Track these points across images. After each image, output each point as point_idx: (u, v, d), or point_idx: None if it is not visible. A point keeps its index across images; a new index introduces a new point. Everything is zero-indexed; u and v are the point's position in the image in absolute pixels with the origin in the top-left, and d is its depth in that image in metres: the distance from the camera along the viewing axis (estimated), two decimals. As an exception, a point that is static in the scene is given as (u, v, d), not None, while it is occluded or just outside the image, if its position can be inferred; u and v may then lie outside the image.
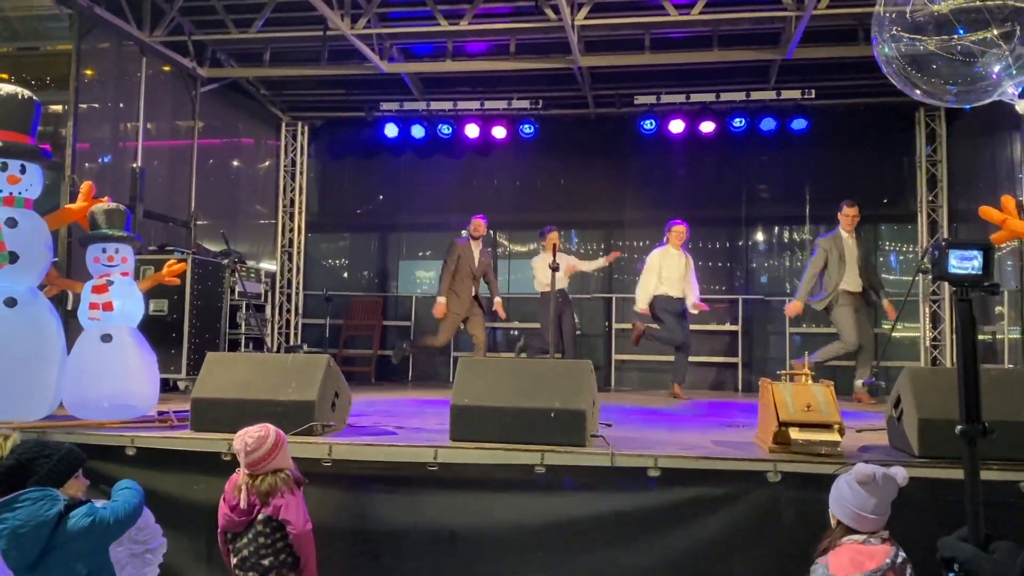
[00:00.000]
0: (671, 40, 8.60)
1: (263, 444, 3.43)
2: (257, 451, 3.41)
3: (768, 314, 10.09)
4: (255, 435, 3.44)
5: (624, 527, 3.80)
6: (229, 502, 3.44)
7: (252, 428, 3.49)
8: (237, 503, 3.40)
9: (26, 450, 2.79)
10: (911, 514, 3.31)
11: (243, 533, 3.40)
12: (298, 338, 11.01)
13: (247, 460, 3.40)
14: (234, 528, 3.43)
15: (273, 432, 3.52)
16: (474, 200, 10.68)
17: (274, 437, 3.50)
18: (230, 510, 3.42)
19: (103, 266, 5.09)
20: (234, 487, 3.46)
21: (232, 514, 3.41)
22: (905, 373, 4.03)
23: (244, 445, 3.40)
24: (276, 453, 3.48)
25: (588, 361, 4.46)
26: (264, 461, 3.43)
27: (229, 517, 3.42)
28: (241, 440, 3.43)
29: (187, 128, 9.34)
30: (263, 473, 3.42)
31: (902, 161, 10.03)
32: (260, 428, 3.49)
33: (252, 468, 3.41)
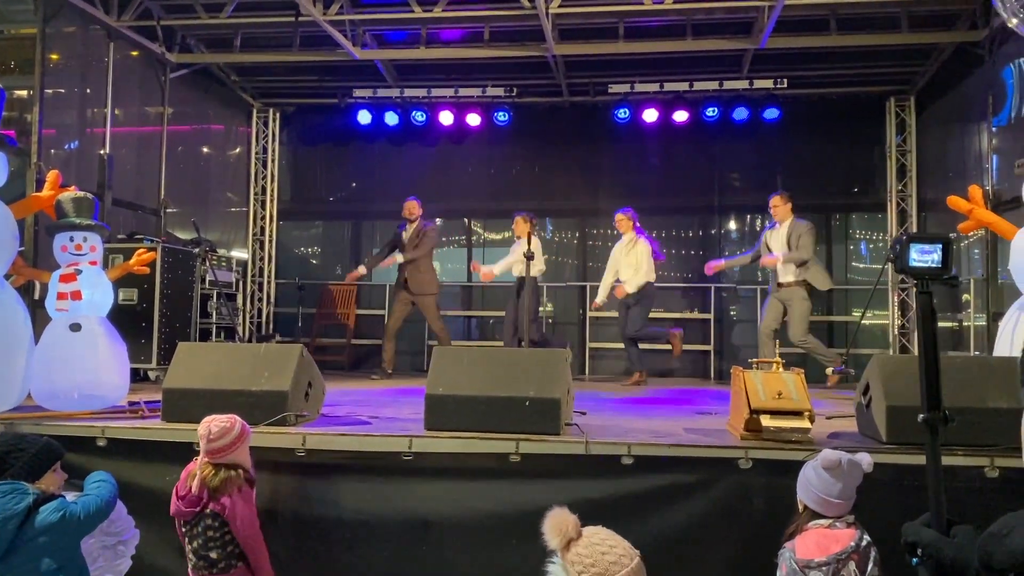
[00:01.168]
0: (645, 29, 8.61)
1: (227, 434, 3.43)
2: (220, 440, 3.41)
3: (740, 302, 10.19)
4: (220, 424, 3.43)
5: (598, 514, 3.80)
6: (180, 491, 3.44)
7: (220, 416, 3.48)
8: (188, 493, 3.39)
9: (1, 444, 2.75)
10: (879, 499, 3.37)
11: (194, 523, 3.40)
12: (270, 327, 10.93)
13: (208, 447, 3.39)
14: (183, 517, 3.43)
15: (239, 424, 3.51)
16: (448, 188, 10.66)
17: (239, 429, 3.49)
18: (179, 499, 3.42)
19: (71, 255, 5.01)
20: (188, 476, 3.46)
21: (180, 503, 3.41)
22: (874, 361, 4.09)
23: (208, 431, 3.40)
24: (237, 446, 3.47)
25: (564, 349, 4.48)
26: (224, 451, 3.42)
27: (178, 506, 3.42)
28: (206, 426, 3.42)
29: (156, 114, 9.21)
30: (220, 464, 3.41)
31: (872, 150, 10.15)
32: (227, 419, 3.48)
33: (211, 456, 3.40)
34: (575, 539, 2.18)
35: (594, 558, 2.13)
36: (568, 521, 2.20)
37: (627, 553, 2.18)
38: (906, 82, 9.74)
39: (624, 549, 2.19)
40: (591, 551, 2.15)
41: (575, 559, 2.15)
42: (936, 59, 8.94)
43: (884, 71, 9.53)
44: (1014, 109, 7.42)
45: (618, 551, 2.17)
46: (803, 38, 8.42)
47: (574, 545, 2.17)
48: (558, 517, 2.22)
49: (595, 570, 2.11)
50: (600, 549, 2.15)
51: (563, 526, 2.19)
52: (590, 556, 2.14)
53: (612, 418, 5.00)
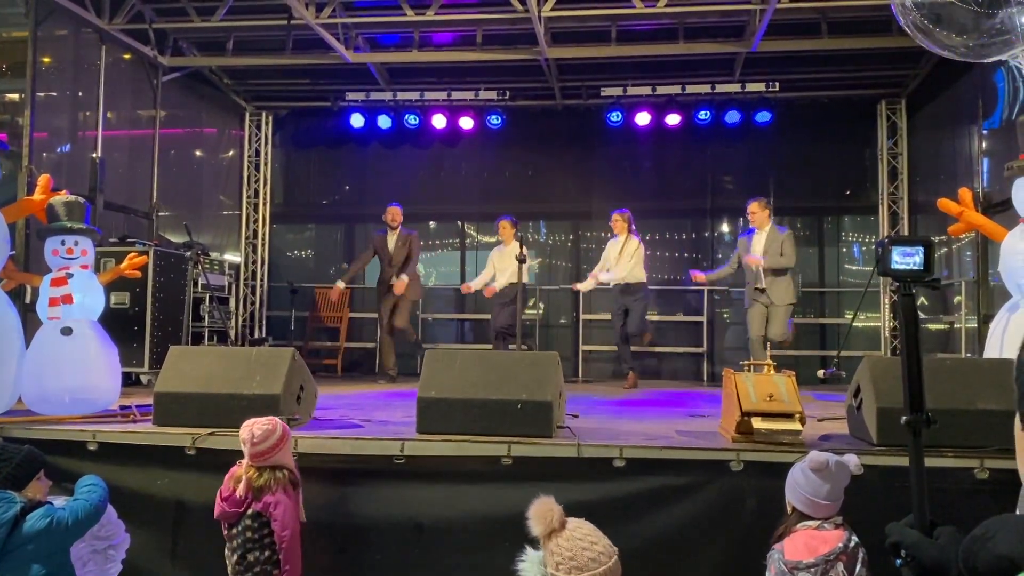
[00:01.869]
0: (637, 32, 8.64)
1: (269, 436, 3.42)
2: (264, 443, 3.39)
3: (733, 305, 10.21)
4: (262, 427, 3.42)
5: (590, 517, 3.81)
6: (223, 492, 3.43)
7: (260, 420, 3.48)
8: (231, 494, 3.39)
9: None
10: (870, 501, 3.38)
11: (235, 524, 3.41)
12: (263, 331, 10.90)
13: (251, 451, 3.37)
14: (226, 518, 3.42)
15: (280, 426, 3.51)
16: (441, 191, 10.67)
17: (280, 431, 3.49)
18: (222, 500, 3.41)
19: (62, 259, 5.00)
20: (230, 478, 3.44)
21: (224, 504, 3.40)
22: (865, 363, 4.10)
23: (251, 436, 3.38)
24: (280, 448, 3.47)
25: (554, 352, 4.49)
26: (268, 454, 3.42)
27: (222, 507, 3.41)
28: (248, 430, 3.40)
29: (148, 118, 9.20)
30: (264, 467, 3.41)
31: (864, 153, 10.19)
32: (268, 421, 3.48)
33: (255, 460, 3.38)
34: (558, 530, 2.19)
35: (573, 552, 2.15)
36: (553, 511, 2.22)
37: (606, 551, 2.20)
38: (897, 85, 9.79)
39: (604, 547, 2.21)
40: (572, 544, 2.16)
41: (555, 549, 2.17)
42: (927, 62, 8.98)
43: (875, 74, 9.57)
44: (1005, 112, 7.46)
45: (598, 548, 2.19)
46: (795, 41, 8.45)
47: (556, 536, 2.18)
48: (544, 506, 2.23)
49: (572, 563, 2.13)
50: (581, 544, 2.17)
51: (548, 515, 2.20)
52: (570, 549, 2.15)
53: (604, 421, 5.01)
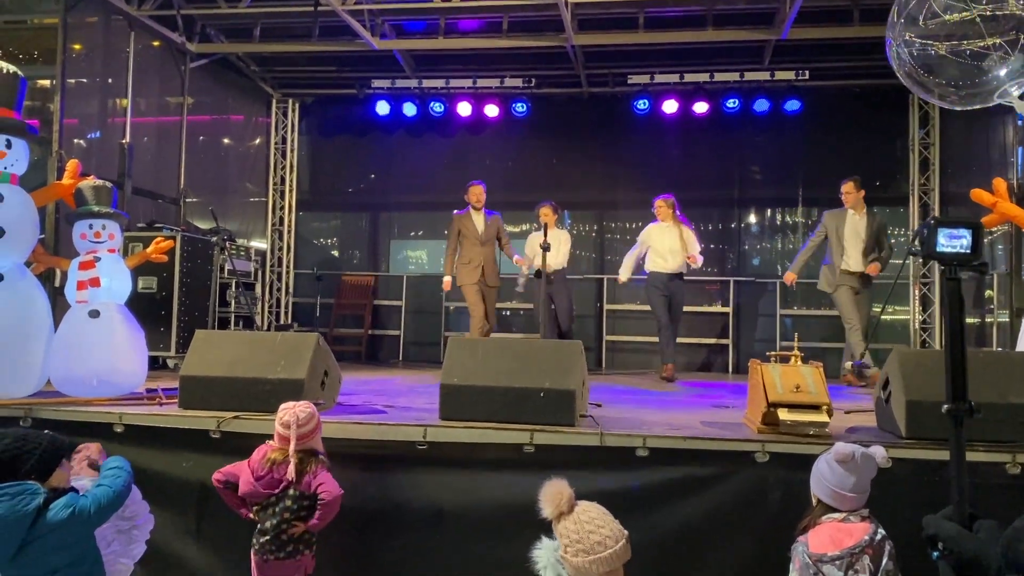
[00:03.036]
0: (665, 19, 8.55)
1: (312, 419, 3.49)
2: (307, 424, 3.46)
3: (759, 296, 10.10)
4: (305, 410, 3.48)
5: (613, 506, 3.79)
6: (256, 472, 3.44)
7: (298, 403, 3.53)
8: (267, 474, 3.40)
9: (5, 448, 2.70)
10: (898, 495, 3.33)
11: (270, 506, 3.42)
12: (288, 317, 10.97)
13: (299, 432, 3.41)
14: (255, 499, 3.44)
15: (316, 409, 3.58)
16: (466, 179, 10.60)
17: (318, 414, 3.57)
18: (256, 480, 3.42)
19: (90, 243, 5.05)
20: (263, 459, 3.46)
21: (257, 484, 3.41)
22: (894, 355, 4.04)
23: (296, 418, 3.42)
24: (319, 431, 3.55)
25: (578, 341, 4.46)
26: (310, 436, 3.48)
27: (254, 487, 3.42)
28: (292, 413, 3.45)
29: (176, 104, 9.25)
30: (306, 451, 3.45)
31: (895, 143, 10.02)
32: (306, 404, 3.55)
33: (300, 443, 3.42)
34: (566, 513, 2.18)
35: (580, 535, 2.15)
36: (563, 493, 2.22)
37: (613, 535, 2.19)
38: (930, 74, 9.59)
39: (611, 530, 2.20)
40: (579, 527, 2.16)
41: (563, 532, 2.16)
42: (961, 50, 8.79)
43: (908, 63, 9.38)
44: (1041, 101, 7.29)
45: (605, 531, 2.18)
46: (826, 29, 8.31)
47: (564, 519, 2.18)
48: (554, 488, 2.23)
49: (579, 546, 2.12)
50: (588, 527, 2.17)
51: (557, 498, 2.20)
52: (576, 532, 2.15)
53: (627, 410, 4.98)
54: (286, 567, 3.40)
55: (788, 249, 10.15)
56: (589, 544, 2.15)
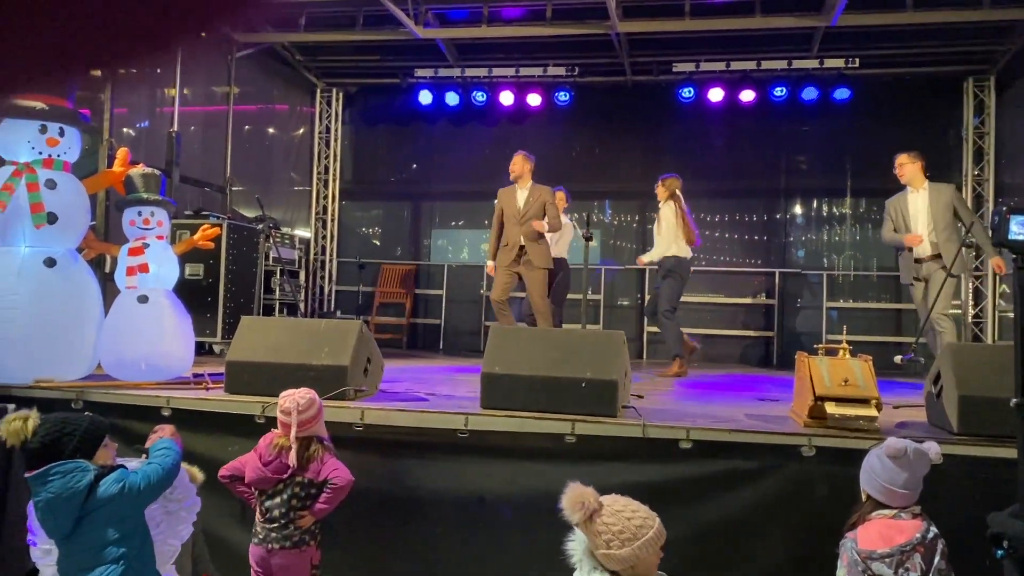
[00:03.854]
0: (712, 6, 8.41)
1: (312, 405, 3.51)
2: (308, 411, 3.47)
3: (804, 288, 9.94)
4: (305, 396, 3.50)
5: (655, 498, 3.76)
6: (264, 458, 3.47)
7: (297, 390, 3.54)
8: (274, 460, 3.43)
9: (48, 432, 2.79)
10: (950, 492, 3.25)
11: (276, 493, 3.45)
12: (331, 305, 11.08)
13: (299, 419, 3.43)
14: (263, 485, 3.47)
15: (317, 396, 3.59)
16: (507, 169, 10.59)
17: (319, 401, 3.58)
18: (264, 466, 3.45)
19: (139, 229, 5.14)
20: (270, 445, 3.49)
21: (266, 470, 3.44)
22: (946, 349, 3.94)
23: (296, 404, 3.44)
24: (321, 417, 3.56)
25: (620, 332, 4.42)
26: (311, 423, 3.49)
27: (262, 472, 3.45)
28: (292, 400, 3.47)
29: (223, 94, 9.37)
30: (309, 438, 3.47)
31: (947, 133, 9.76)
32: (306, 391, 3.55)
33: (301, 429, 3.44)
34: (598, 510, 2.17)
35: (621, 524, 2.13)
36: (587, 493, 2.20)
37: (649, 515, 2.19)
38: (986, 61, 9.33)
39: (646, 512, 2.20)
40: (617, 518, 2.14)
41: (602, 529, 2.14)
42: (1020, 36, 8.52)
43: (963, 49, 9.13)
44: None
45: (641, 514, 2.17)
46: (877, 15, 8.12)
47: (597, 516, 2.16)
48: (576, 491, 2.22)
49: (624, 536, 2.11)
50: (625, 515, 2.15)
51: (583, 499, 2.18)
52: (617, 523, 2.13)
53: (670, 402, 4.93)
54: (291, 556, 3.41)
55: (835, 241, 9.96)
56: (633, 530, 2.13)
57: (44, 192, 4.71)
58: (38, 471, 2.73)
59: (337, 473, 3.43)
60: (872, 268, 9.81)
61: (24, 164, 4.74)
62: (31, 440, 2.76)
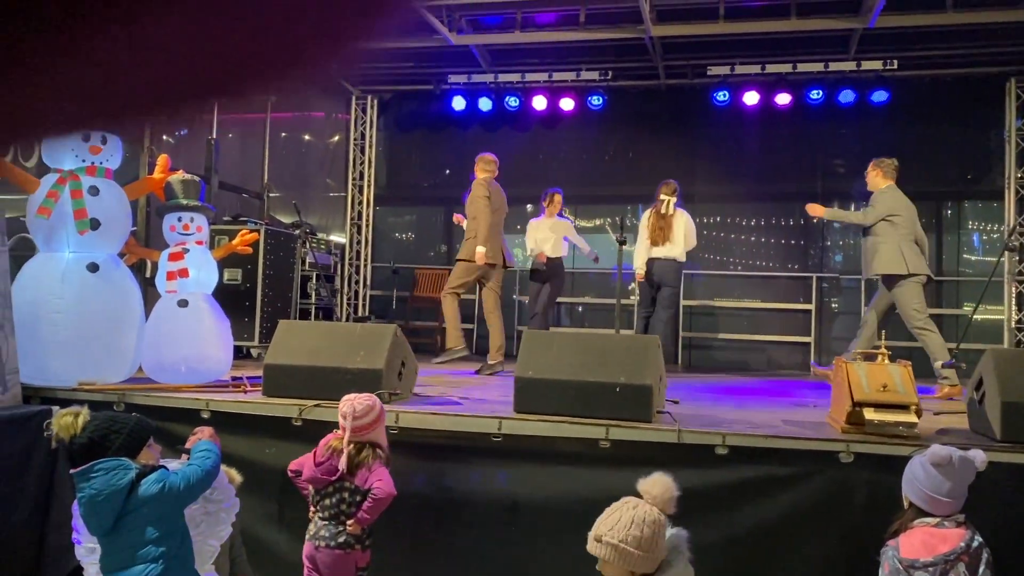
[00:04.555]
0: (747, 9, 8.35)
1: (369, 412, 3.53)
2: (364, 417, 3.51)
3: (843, 293, 9.81)
4: (364, 402, 3.54)
5: (690, 503, 3.75)
6: (318, 458, 3.55)
7: (359, 395, 3.60)
8: (326, 461, 3.50)
9: (96, 428, 2.88)
10: (992, 500, 3.19)
11: (327, 495, 3.51)
12: (366, 309, 11.17)
13: (354, 424, 3.48)
14: (317, 484, 3.53)
15: (378, 403, 3.62)
16: (541, 173, 10.62)
17: (379, 408, 3.60)
18: (316, 466, 3.53)
19: (179, 235, 5.23)
20: (325, 446, 3.56)
21: (317, 470, 3.52)
22: (988, 354, 3.87)
23: (352, 410, 3.49)
24: (378, 425, 3.58)
25: (655, 336, 4.40)
26: (367, 429, 3.52)
27: (314, 472, 3.53)
28: (350, 404, 3.52)
29: (260, 101, 9.50)
30: (363, 443, 3.51)
31: (989, 135, 9.57)
32: (367, 397, 3.60)
33: (355, 434, 3.48)
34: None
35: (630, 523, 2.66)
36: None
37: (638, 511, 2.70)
38: (1029, 61, 9.15)
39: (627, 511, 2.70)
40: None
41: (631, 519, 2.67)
42: (1064, 36, 8.35)
43: (1005, 50, 8.95)
44: None
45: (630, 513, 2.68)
46: (916, 16, 7.99)
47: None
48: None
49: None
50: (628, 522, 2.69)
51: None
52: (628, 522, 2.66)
53: (705, 407, 4.90)
54: (335, 557, 3.45)
55: (873, 245, 9.80)
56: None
57: (88, 199, 4.81)
58: (82, 467, 2.80)
59: (379, 485, 3.44)
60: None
61: (68, 171, 4.85)
62: (79, 435, 2.84)
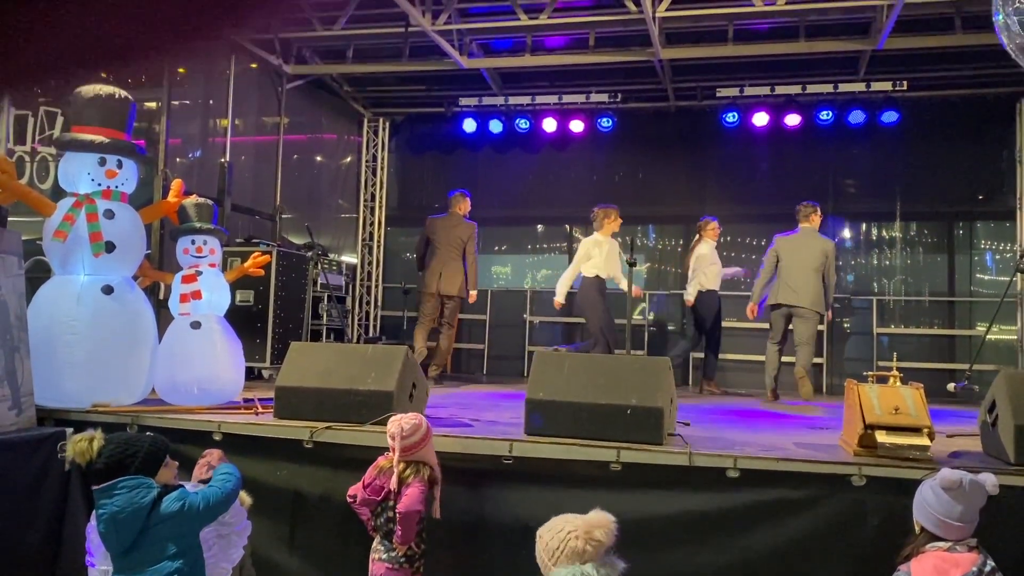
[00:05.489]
0: (756, 31, 8.41)
1: (417, 431, 3.56)
2: (412, 436, 3.53)
3: (853, 314, 9.78)
4: (411, 421, 3.57)
5: (701, 527, 3.74)
6: (366, 479, 3.59)
7: (407, 415, 3.63)
8: (372, 482, 3.55)
9: (112, 452, 2.90)
10: (1006, 524, 3.17)
11: (379, 513, 3.57)
12: (377, 330, 11.20)
13: (403, 444, 3.50)
14: (369, 505, 3.58)
15: (425, 422, 3.65)
16: (551, 195, 10.67)
17: (425, 427, 3.63)
18: (364, 487, 3.58)
19: (192, 257, 5.29)
20: (374, 467, 3.60)
21: (365, 491, 3.57)
22: (1001, 376, 3.85)
23: (400, 429, 3.52)
24: (426, 443, 3.61)
25: (666, 358, 4.40)
26: (415, 448, 3.54)
27: (364, 494, 3.58)
28: (397, 424, 3.55)
29: (273, 124, 9.60)
30: (411, 462, 3.53)
31: (1000, 155, 9.56)
32: (414, 416, 3.63)
33: (404, 454, 3.51)
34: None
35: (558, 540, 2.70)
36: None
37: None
38: (1039, 82, 9.15)
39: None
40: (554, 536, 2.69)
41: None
42: (1074, 57, 8.35)
43: (1014, 71, 8.93)
44: None
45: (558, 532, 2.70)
46: (925, 38, 8.02)
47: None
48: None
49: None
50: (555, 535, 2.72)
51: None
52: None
53: (717, 430, 4.88)
54: (386, 570, 3.51)
55: (884, 265, 9.80)
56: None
57: (103, 222, 4.87)
58: (105, 484, 2.83)
59: (403, 501, 3.44)
60: (924, 293, 9.63)
61: (84, 195, 4.91)
62: (96, 460, 2.87)
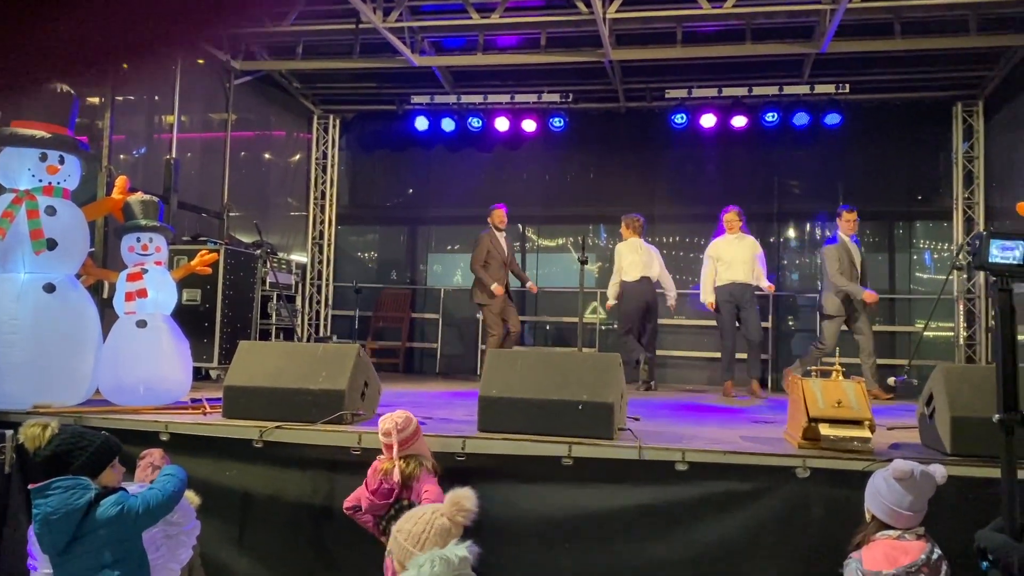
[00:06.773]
0: (703, 34, 8.55)
1: (409, 424, 3.57)
2: (406, 430, 3.54)
3: (799, 311, 10.00)
4: (402, 416, 3.58)
5: (652, 520, 3.80)
6: (370, 486, 3.57)
7: (393, 413, 3.62)
8: (379, 486, 3.52)
9: (62, 441, 2.83)
10: (942, 512, 3.27)
11: (392, 516, 3.51)
12: (328, 329, 11.10)
13: (399, 438, 3.50)
14: (377, 511, 3.56)
15: (413, 417, 3.66)
16: (503, 194, 10.65)
17: (415, 421, 3.65)
18: (371, 494, 3.55)
19: (137, 255, 5.19)
20: (375, 471, 3.57)
21: (373, 497, 3.54)
22: (938, 370, 3.98)
23: (394, 424, 3.52)
24: (419, 436, 3.63)
25: (616, 354, 4.46)
26: (410, 442, 3.55)
27: (371, 500, 3.56)
28: (391, 421, 3.55)
29: (220, 121, 9.45)
30: (409, 456, 3.53)
31: (938, 157, 9.88)
32: (401, 411, 3.64)
33: (402, 449, 3.50)
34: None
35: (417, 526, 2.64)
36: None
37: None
38: (974, 86, 9.47)
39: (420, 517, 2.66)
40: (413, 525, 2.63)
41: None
42: (1006, 63, 8.67)
43: (951, 75, 9.28)
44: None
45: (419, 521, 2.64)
46: (866, 42, 8.26)
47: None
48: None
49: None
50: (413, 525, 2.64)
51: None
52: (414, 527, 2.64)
53: (666, 424, 4.96)
54: None
55: (828, 264, 10.02)
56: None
57: (44, 219, 4.75)
58: (40, 484, 2.75)
59: (428, 495, 3.43)
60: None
61: (24, 191, 4.78)
62: (44, 447, 2.79)
